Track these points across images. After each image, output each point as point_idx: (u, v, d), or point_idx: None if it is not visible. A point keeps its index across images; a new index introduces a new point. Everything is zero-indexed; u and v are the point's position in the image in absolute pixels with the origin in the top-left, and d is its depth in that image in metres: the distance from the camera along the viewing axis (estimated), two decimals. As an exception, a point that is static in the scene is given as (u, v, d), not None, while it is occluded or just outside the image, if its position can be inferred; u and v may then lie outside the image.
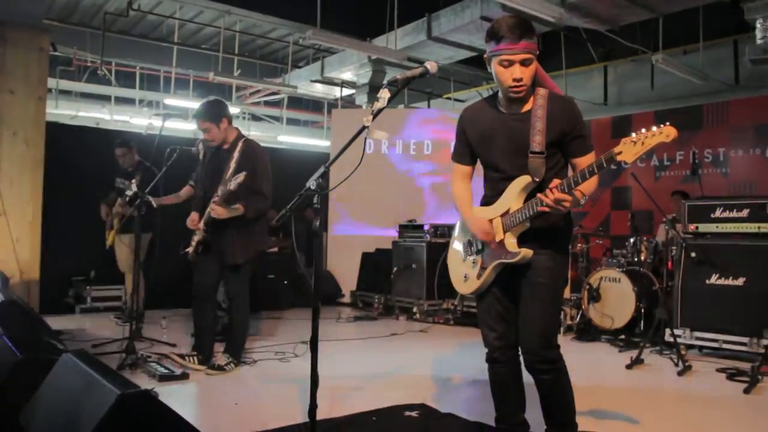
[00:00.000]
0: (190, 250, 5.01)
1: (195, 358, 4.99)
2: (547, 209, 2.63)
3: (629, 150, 2.40)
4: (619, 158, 2.43)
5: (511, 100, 2.85)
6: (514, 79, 2.73)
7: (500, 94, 2.91)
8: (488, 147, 2.92)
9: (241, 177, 4.61)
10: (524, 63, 2.71)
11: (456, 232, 3.19)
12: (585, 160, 2.70)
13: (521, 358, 2.95)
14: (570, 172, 2.79)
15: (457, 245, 3.15)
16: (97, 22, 12.17)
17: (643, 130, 2.39)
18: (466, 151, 3.05)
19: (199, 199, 5.13)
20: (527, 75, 2.74)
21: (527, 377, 2.97)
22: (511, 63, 2.72)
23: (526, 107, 2.82)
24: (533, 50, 2.72)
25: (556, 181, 2.61)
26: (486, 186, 3.01)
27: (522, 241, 2.80)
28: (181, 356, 5.00)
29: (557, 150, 2.81)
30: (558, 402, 2.90)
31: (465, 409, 4.03)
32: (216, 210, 4.79)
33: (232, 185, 4.66)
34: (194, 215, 5.05)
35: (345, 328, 7.62)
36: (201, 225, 4.92)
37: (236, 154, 4.95)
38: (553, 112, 2.76)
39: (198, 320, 5.13)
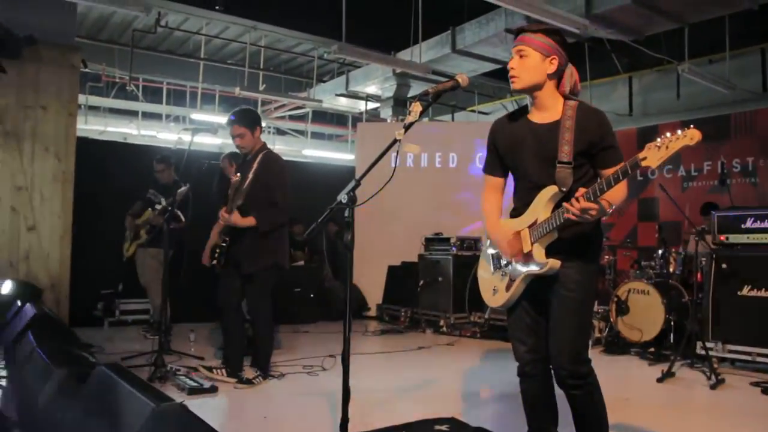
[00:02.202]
0: (215, 262, 5.04)
1: (223, 370, 5.00)
2: (573, 218, 2.61)
3: (654, 155, 2.38)
4: (644, 164, 2.40)
5: (536, 106, 2.88)
6: (510, 69, 2.84)
7: (529, 105, 2.92)
8: (517, 156, 2.91)
9: None
10: (520, 54, 2.82)
11: (486, 244, 3.17)
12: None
13: (552, 372, 2.93)
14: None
15: (486, 258, 3.14)
16: (125, 38, 12.38)
17: (668, 134, 2.36)
18: (497, 162, 3.05)
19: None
20: (521, 66, 2.81)
21: (559, 390, 2.95)
22: (512, 55, 2.86)
23: (555, 117, 2.82)
24: (533, 45, 2.79)
25: (581, 190, 2.60)
26: (515, 197, 3.00)
27: (551, 252, 2.78)
28: (210, 369, 5.02)
29: (586, 161, 2.79)
30: (590, 417, 2.87)
31: (495, 424, 4.01)
32: (225, 216, 4.85)
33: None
34: (215, 231, 5.14)
35: (372, 342, 7.61)
36: (219, 240, 4.97)
37: (255, 165, 4.99)
38: (582, 122, 2.75)
39: (225, 332, 5.16)
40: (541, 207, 2.79)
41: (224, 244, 4.97)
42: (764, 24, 8.59)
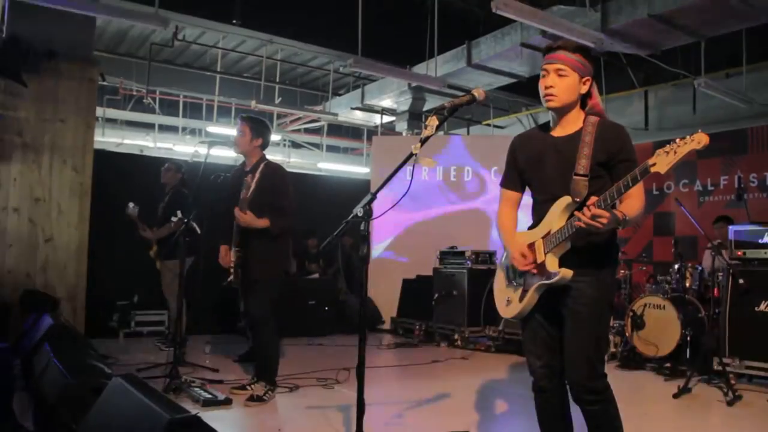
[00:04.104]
0: (231, 277, 5.04)
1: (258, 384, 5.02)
2: (584, 226, 2.60)
3: (662, 160, 2.38)
4: (653, 170, 2.40)
5: (560, 124, 2.89)
6: (545, 87, 2.83)
7: (552, 121, 2.94)
8: (536, 168, 2.92)
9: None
10: (559, 74, 2.80)
11: (503, 256, 3.17)
12: (634, 187, 2.65)
13: (568, 387, 2.91)
14: (620, 202, 2.74)
15: (501, 270, 3.14)
16: (143, 52, 12.50)
17: (677, 140, 2.37)
18: (515, 176, 3.06)
19: (225, 231, 5.14)
20: (560, 86, 2.81)
21: (575, 407, 2.93)
22: (547, 72, 2.83)
23: (575, 130, 2.83)
24: (572, 64, 2.79)
25: (593, 198, 2.59)
26: (533, 213, 2.99)
27: (566, 265, 2.76)
28: (242, 387, 5.03)
29: (604, 173, 2.78)
30: (606, 432, 2.84)
31: (509, 438, 3.99)
32: (241, 217, 4.85)
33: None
34: (223, 248, 5.14)
35: (386, 355, 7.60)
36: (232, 254, 4.98)
37: (257, 175, 5.02)
38: (602, 136, 2.76)
39: (257, 346, 5.18)
40: (555, 218, 2.79)
41: (239, 254, 4.97)
42: (782, 38, 8.58)
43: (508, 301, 3.02)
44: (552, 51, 2.84)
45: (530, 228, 2.96)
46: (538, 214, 2.93)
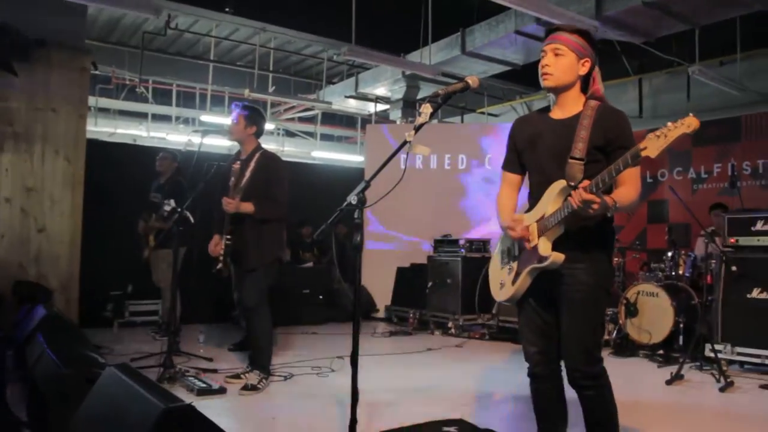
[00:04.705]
0: (220, 265, 5.03)
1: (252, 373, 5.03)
2: (575, 209, 2.60)
3: (653, 144, 2.37)
4: (643, 153, 2.39)
5: (559, 105, 2.90)
6: (542, 66, 2.85)
7: (551, 104, 2.95)
8: (533, 150, 2.93)
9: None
10: (556, 53, 2.83)
11: (498, 241, 3.18)
12: (628, 174, 2.64)
13: (563, 373, 2.93)
14: (616, 187, 2.74)
15: (497, 254, 3.15)
16: (135, 41, 12.43)
17: (669, 124, 2.37)
18: (515, 159, 3.06)
19: (218, 221, 5.15)
20: (556, 65, 2.83)
21: (570, 392, 2.95)
22: (545, 53, 2.87)
23: (574, 113, 2.83)
24: (569, 44, 2.82)
25: (585, 182, 2.59)
26: (529, 197, 2.99)
27: (560, 250, 2.75)
28: (237, 376, 5.03)
29: (601, 158, 2.76)
30: (601, 417, 2.86)
31: (503, 425, 4.01)
32: (228, 204, 4.85)
33: None
34: (216, 238, 5.13)
35: (380, 343, 7.61)
36: (222, 242, 4.97)
37: (252, 164, 5.02)
38: (601, 120, 2.75)
39: (251, 334, 5.18)
40: (550, 201, 2.79)
41: (229, 243, 4.96)
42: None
43: (502, 284, 3.03)
44: (551, 32, 2.89)
45: (527, 211, 2.96)
46: (534, 197, 2.93)
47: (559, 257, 2.73)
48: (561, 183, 2.75)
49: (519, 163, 3.06)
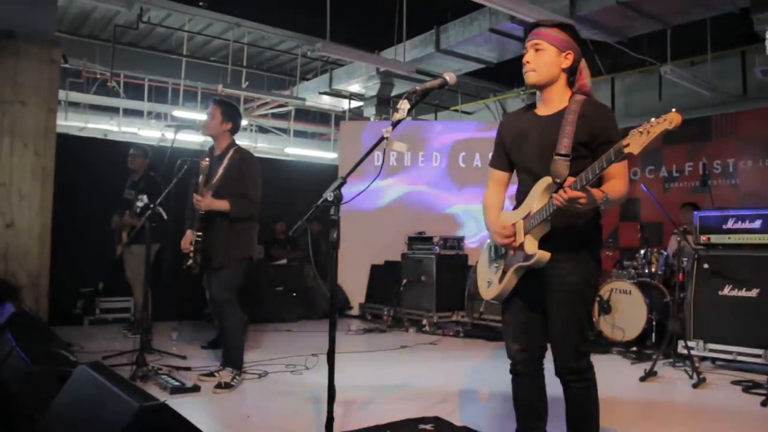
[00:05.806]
0: (190, 262, 4.96)
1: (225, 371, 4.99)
2: (561, 206, 2.59)
3: (636, 141, 2.38)
4: (626, 150, 2.39)
5: (543, 101, 2.91)
6: (524, 63, 2.86)
7: (537, 99, 2.96)
8: (520, 147, 2.93)
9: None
10: (536, 48, 2.85)
11: (487, 239, 3.17)
12: (616, 169, 2.64)
13: (545, 369, 2.96)
14: (604, 182, 2.74)
15: (485, 252, 3.15)
16: (106, 34, 12.26)
17: (652, 120, 2.38)
18: (503, 156, 3.06)
19: (190, 218, 5.09)
20: (536, 61, 2.84)
21: (551, 390, 2.95)
22: (526, 50, 2.88)
23: (559, 108, 2.83)
24: (548, 38, 2.83)
25: (570, 179, 2.59)
26: (517, 194, 2.99)
27: (547, 248, 2.75)
28: (210, 374, 4.98)
29: (587, 154, 2.76)
30: (585, 412, 2.86)
31: (479, 422, 4.00)
32: (199, 201, 4.79)
33: None
34: (188, 234, 5.06)
35: (354, 341, 7.58)
36: (193, 237, 4.91)
37: (226, 161, 4.96)
38: (585, 116, 2.75)
39: (222, 332, 5.12)
40: (536, 198, 2.78)
41: (199, 240, 4.90)
42: (744, 27, 8.64)
43: (489, 283, 3.03)
44: (532, 29, 2.89)
45: (515, 209, 2.95)
46: (521, 194, 2.93)
47: (544, 255, 2.73)
48: (547, 180, 2.75)
49: (507, 161, 3.06)
